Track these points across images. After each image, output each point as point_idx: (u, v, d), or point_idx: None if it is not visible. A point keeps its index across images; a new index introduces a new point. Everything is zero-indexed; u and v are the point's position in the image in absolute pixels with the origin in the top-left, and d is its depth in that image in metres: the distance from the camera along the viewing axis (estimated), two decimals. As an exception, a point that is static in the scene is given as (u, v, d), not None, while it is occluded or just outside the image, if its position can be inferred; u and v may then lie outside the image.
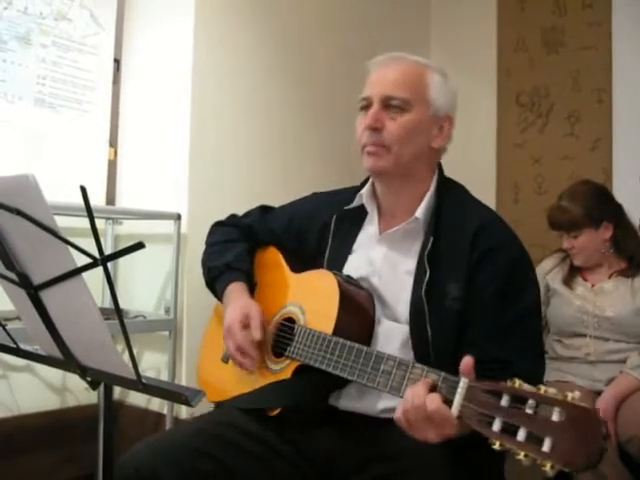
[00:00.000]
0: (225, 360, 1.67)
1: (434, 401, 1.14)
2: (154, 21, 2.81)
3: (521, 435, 1.00)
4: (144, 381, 1.10)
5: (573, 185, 2.54)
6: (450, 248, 1.44)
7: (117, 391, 2.77)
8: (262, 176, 2.92)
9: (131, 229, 2.81)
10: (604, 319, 2.35)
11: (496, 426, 1.03)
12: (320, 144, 3.15)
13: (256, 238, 1.79)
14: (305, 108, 3.02)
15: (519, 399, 1.03)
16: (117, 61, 2.87)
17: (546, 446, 0.96)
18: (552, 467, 0.96)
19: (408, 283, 1.45)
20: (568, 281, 2.47)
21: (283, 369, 1.50)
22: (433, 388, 1.18)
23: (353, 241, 1.61)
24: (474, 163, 3.70)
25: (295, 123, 3.07)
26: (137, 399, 2.72)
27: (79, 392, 2.70)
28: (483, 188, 3.57)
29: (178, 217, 2.55)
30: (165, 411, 2.56)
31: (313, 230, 1.68)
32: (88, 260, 1.00)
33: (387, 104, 1.48)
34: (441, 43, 3.96)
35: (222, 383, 1.64)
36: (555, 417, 0.98)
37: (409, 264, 1.48)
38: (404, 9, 3.76)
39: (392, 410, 1.39)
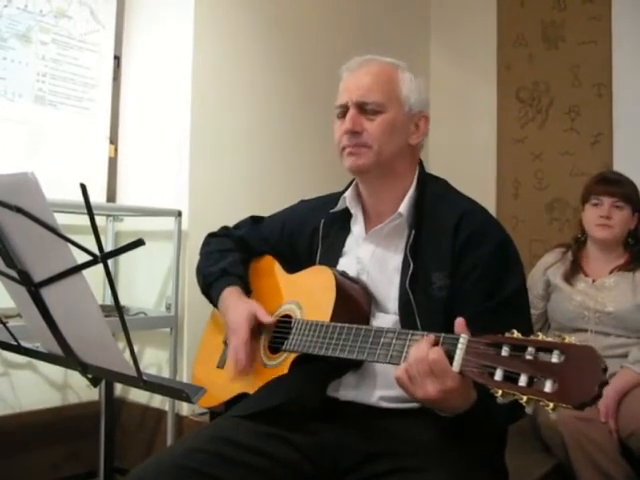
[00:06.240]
0: (221, 366, 1.67)
1: (436, 351, 1.16)
2: (154, 17, 2.81)
3: (523, 380, 1.02)
4: (145, 378, 1.09)
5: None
6: (433, 239, 1.45)
7: (118, 388, 2.78)
8: (263, 172, 2.92)
9: (132, 226, 2.81)
10: (605, 314, 2.35)
11: (498, 376, 1.05)
12: (321, 139, 3.14)
13: (249, 249, 1.81)
14: (306, 105, 3.02)
15: (519, 348, 1.05)
16: (117, 58, 2.86)
17: (548, 387, 0.99)
18: (554, 408, 0.97)
19: (396, 278, 1.47)
20: (569, 277, 2.46)
21: (280, 363, 1.49)
22: (435, 344, 1.19)
23: (343, 244, 1.62)
24: (474, 159, 3.71)
25: (296, 119, 3.07)
26: (138, 396, 2.72)
27: (80, 389, 2.71)
28: (483, 184, 3.59)
29: (179, 214, 2.54)
30: (166, 408, 2.56)
31: (304, 236, 1.70)
32: (89, 257, 1.00)
33: (363, 108, 1.50)
34: (441, 38, 3.96)
35: (217, 388, 1.63)
36: (555, 359, 1.00)
37: (396, 260, 1.49)
38: (404, 3, 3.75)
39: (389, 398, 1.41)
